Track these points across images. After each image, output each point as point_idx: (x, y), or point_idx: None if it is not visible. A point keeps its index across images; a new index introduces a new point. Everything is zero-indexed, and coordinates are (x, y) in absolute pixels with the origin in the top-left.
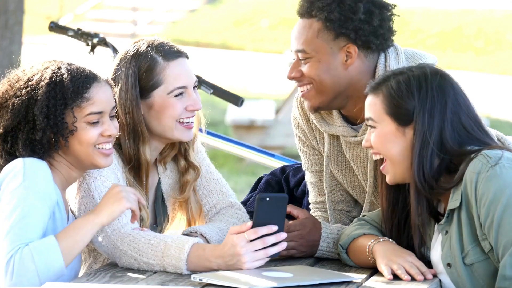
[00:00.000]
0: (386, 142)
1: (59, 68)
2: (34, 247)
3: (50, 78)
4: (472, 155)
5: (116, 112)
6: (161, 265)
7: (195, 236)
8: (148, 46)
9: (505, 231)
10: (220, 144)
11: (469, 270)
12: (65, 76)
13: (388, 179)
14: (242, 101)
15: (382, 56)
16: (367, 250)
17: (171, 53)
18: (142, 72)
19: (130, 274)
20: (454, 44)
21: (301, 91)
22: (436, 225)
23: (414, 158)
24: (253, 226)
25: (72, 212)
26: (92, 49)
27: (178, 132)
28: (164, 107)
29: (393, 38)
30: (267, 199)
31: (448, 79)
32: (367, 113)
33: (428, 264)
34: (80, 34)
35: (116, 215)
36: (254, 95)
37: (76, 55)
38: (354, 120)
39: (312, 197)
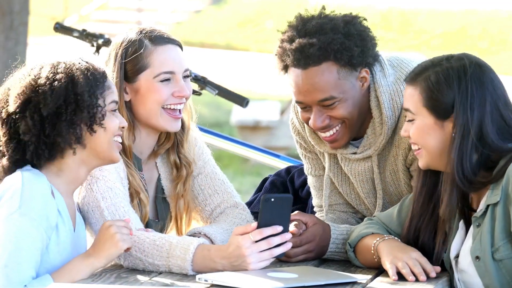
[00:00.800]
0: (424, 135)
1: (73, 63)
2: None
3: (77, 65)
4: None
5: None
6: (166, 266)
7: (198, 237)
8: (138, 32)
9: None
10: (225, 145)
11: (497, 265)
12: (86, 65)
13: (420, 163)
14: (247, 102)
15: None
16: (372, 248)
17: (160, 39)
18: (129, 56)
19: (135, 274)
20: (458, 44)
21: (330, 135)
22: (461, 219)
23: (453, 152)
24: (258, 227)
25: (79, 208)
26: (97, 50)
27: (163, 120)
28: (149, 91)
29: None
30: (272, 199)
31: (486, 71)
32: (406, 104)
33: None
34: (85, 35)
35: (114, 257)
36: (259, 95)
37: (81, 56)
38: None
39: (316, 201)
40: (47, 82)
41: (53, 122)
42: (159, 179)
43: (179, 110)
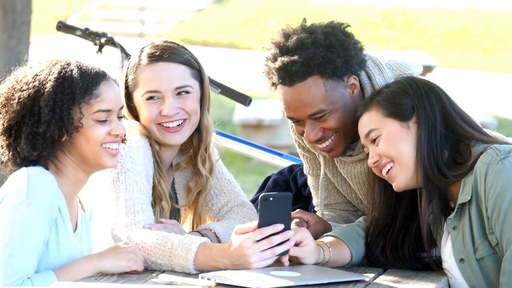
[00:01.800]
0: (395, 143)
1: (68, 64)
2: (35, 283)
3: (59, 72)
4: (482, 149)
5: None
6: (169, 265)
7: (209, 233)
8: (143, 47)
9: (510, 225)
10: (228, 144)
11: (480, 265)
12: (74, 71)
13: (396, 185)
14: (250, 101)
15: (363, 74)
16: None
17: (153, 57)
18: (128, 73)
19: (138, 273)
20: (461, 43)
21: (326, 145)
22: (445, 223)
23: (423, 145)
24: (259, 227)
25: (83, 209)
26: (100, 49)
27: (161, 136)
28: (140, 110)
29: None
30: (270, 199)
31: (431, 82)
32: (366, 129)
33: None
34: (88, 34)
35: (118, 270)
36: (262, 94)
37: (84, 55)
38: None
39: (316, 200)
40: (20, 89)
41: (16, 130)
42: (173, 184)
43: (177, 124)
